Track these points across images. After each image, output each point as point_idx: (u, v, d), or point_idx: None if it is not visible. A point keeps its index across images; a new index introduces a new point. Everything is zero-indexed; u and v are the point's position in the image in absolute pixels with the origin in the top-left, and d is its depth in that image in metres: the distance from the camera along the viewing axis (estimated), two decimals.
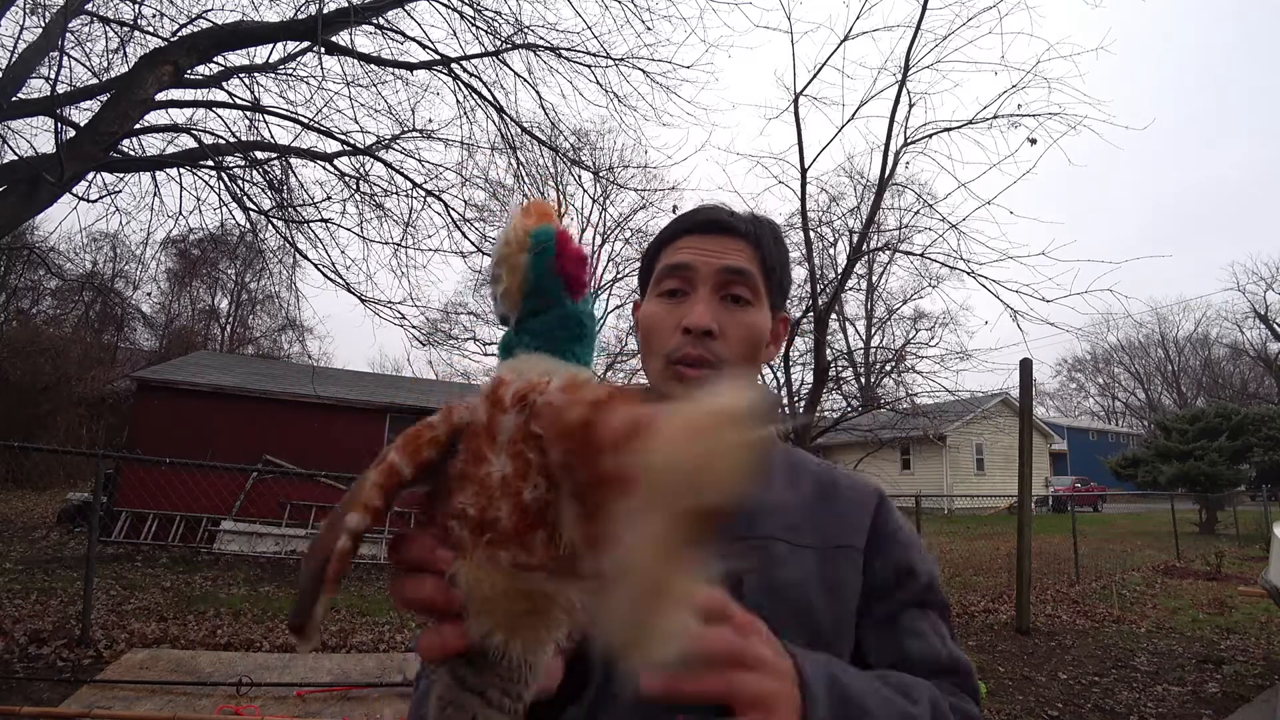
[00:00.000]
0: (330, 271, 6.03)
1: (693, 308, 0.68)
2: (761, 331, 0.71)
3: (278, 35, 5.53)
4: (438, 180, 6.31)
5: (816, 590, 0.66)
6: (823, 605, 0.66)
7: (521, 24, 6.01)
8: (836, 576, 0.67)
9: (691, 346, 0.67)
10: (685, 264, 0.70)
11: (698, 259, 0.70)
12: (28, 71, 4.78)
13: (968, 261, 5.93)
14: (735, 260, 0.70)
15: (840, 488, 0.73)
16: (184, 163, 5.67)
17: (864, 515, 0.71)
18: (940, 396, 9.03)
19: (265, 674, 3.95)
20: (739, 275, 0.70)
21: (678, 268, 0.71)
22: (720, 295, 0.70)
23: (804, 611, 0.65)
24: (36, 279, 19.80)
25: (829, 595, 0.66)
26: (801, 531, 0.68)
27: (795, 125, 6.09)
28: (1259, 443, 16.48)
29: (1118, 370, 44.39)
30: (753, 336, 0.70)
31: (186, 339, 23.21)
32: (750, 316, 0.70)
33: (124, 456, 8.57)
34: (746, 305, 0.70)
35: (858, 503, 0.72)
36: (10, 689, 3.62)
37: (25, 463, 13.05)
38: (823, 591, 0.66)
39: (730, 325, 0.69)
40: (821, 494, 0.72)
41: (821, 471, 0.75)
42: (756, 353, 0.71)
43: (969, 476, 22.13)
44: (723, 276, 0.70)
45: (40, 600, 5.45)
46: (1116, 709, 4.08)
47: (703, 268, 0.70)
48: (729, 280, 0.70)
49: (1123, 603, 7.18)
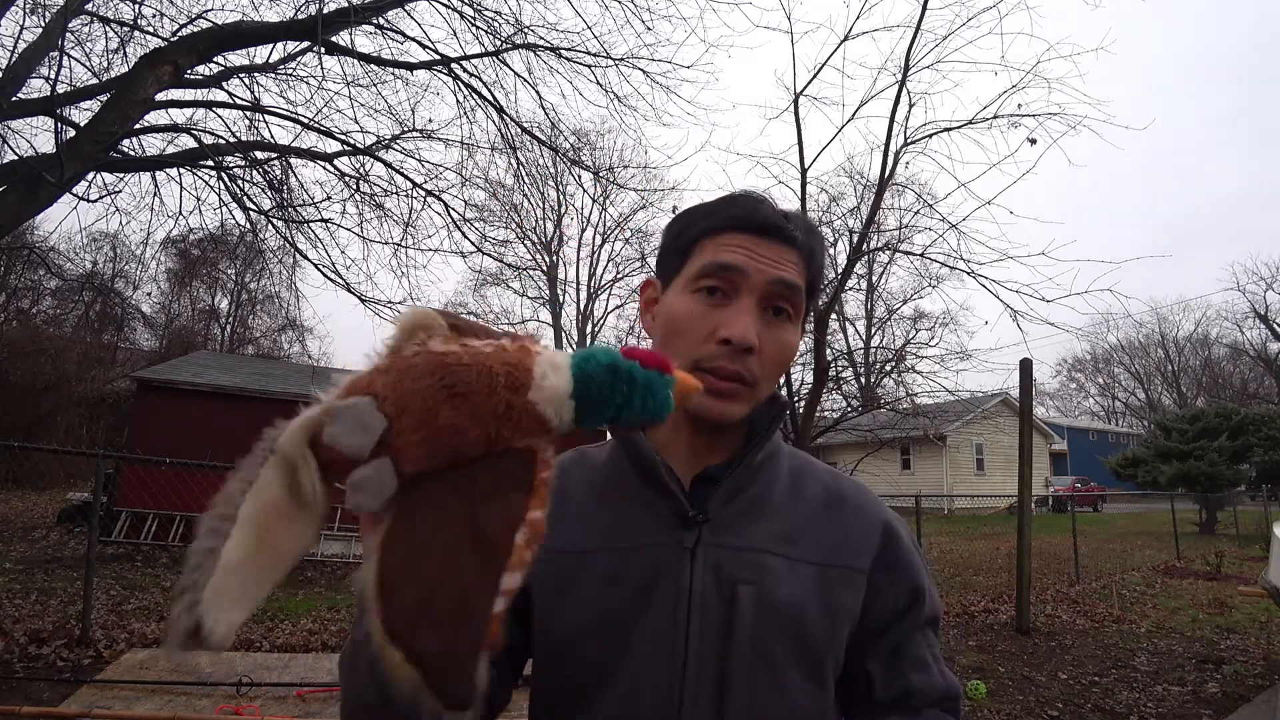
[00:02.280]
0: (330, 271, 6.04)
1: (737, 319, 0.63)
2: (795, 349, 0.69)
3: (278, 35, 5.53)
4: (438, 180, 6.32)
5: (814, 609, 0.64)
6: (818, 624, 0.64)
7: (521, 24, 6.01)
8: (835, 597, 0.65)
9: (728, 360, 0.63)
10: (737, 267, 0.65)
11: (751, 265, 0.65)
12: (28, 71, 4.78)
13: (968, 261, 5.92)
14: (788, 274, 0.66)
15: (848, 503, 0.71)
16: (184, 163, 5.67)
17: (872, 535, 0.69)
18: (940, 396, 9.02)
19: (265, 674, 3.95)
20: (788, 290, 0.66)
21: (726, 268, 0.65)
22: (763, 307, 0.66)
23: (798, 630, 0.63)
24: (36, 279, 19.81)
25: (825, 615, 0.65)
26: (801, 544, 0.67)
27: (795, 125, 6.08)
28: (1259, 443, 16.48)
29: (1118, 370, 44.45)
30: (788, 355, 0.68)
31: (186, 339, 23.19)
32: (788, 335, 0.67)
33: (124, 456, 8.57)
34: (786, 321, 0.67)
35: (866, 522, 0.70)
36: (10, 689, 3.62)
37: (25, 463, 13.04)
38: (820, 610, 0.64)
39: (769, 342, 0.65)
40: (828, 506, 0.70)
41: (829, 482, 0.73)
42: (785, 369, 0.69)
43: (969, 476, 22.12)
44: (773, 289, 0.65)
45: (40, 600, 5.45)
46: (1116, 709, 4.08)
47: (755, 275, 0.64)
48: (778, 294, 0.65)
49: (1123, 603, 7.18)
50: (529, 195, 8.97)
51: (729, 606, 0.62)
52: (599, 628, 0.64)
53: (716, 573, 0.64)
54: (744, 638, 0.61)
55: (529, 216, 16.24)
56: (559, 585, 0.66)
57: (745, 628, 0.61)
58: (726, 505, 0.67)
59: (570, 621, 0.65)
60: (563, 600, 0.66)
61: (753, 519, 0.67)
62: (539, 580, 0.67)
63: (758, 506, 0.68)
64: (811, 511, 0.69)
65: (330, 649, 4.79)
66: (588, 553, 0.67)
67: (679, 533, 0.65)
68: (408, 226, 6.42)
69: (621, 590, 0.64)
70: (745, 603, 0.62)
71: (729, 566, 0.64)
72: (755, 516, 0.67)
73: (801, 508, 0.69)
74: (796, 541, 0.66)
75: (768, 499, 0.69)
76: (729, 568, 0.64)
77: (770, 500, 0.69)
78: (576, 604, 0.65)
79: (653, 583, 0.64)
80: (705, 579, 0.63)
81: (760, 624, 0.62)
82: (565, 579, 0.66)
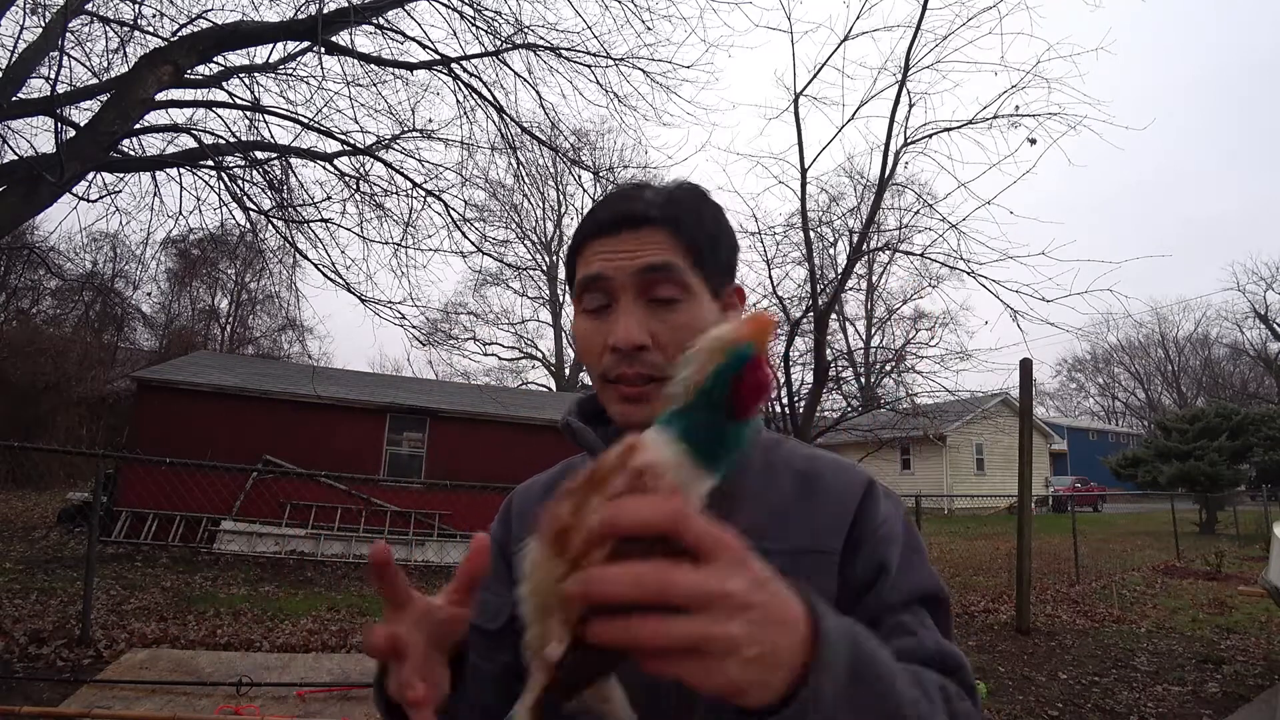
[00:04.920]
0: (330, 271, 6.04)
1: (617, 322, 0.62)
2: (698, 326, 0.63)
3: (278, 35, 5.53)
4: (438, 180, 6.32)
5: None
6: None
7: (521, 24, 6.02)
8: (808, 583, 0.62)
9: (626, 365, 0.62)
10: (598, 275, 0.63)
11: (609, 265, 0.63)
12: (28, 71, 4.79)
13: (968, 261, 5.93)
14: (652, 256, 0.62)
15: (823, 483, 0.67)
16: (184, 163, 5.67)
17: (845, 513, 0.64)
18: (940, 396, 9.03)
19: (265, 674, 3.95)
20: (661, 272, 0.62)
21: (591, 280, 0.64)
22: (648, 298, 0.63)
23: None
24: (36, 279, 19.82)
25: None
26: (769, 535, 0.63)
27: (795, 125, 6.09)
28: (1259, 443, 16.50)
29: (1118, 370, 44.43)
30: (691, 336, 0.65)
31: (186, 339, 23.19)
32: (684, 316, 0.63)
33: (124, 456, 8.57)
34: (677, 304, 0.63)
35: (838, 500, 0.65)
36: (10, 689, 3.62)
37: (25, 463, 13.05)
38: None
39: (663, 332, 0.62)
40: (802, 492, 0.66)
41: (806, 466, 0.69)
42: None
43: (969, 476, 22.13)
44: (642, 279, 0.62)
45: (40, 600, 5.45)
46: (1116, 709, 4.08)
47: (617, 274, 0.62)
48: (651, 281, 0.62)
49: (1123, 603, 7.18)
50: (529, 195, 8.97)
51: None
52: None
53: None
54: None
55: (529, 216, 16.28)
56: None
57: None
58: None
59: None
60: None
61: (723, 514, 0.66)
62: None
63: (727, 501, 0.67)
64: (784, 499, 0.66)
65: (330, 649, 4.79)
66: None
67: None
68: (408, 226, 6.43)
69: None
70: None
71: None
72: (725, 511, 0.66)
73: (773, 497, 0.66)
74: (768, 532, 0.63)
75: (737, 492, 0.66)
76: None
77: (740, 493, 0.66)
78: None
79: None
80: None
81: None
82: None
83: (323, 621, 5.53)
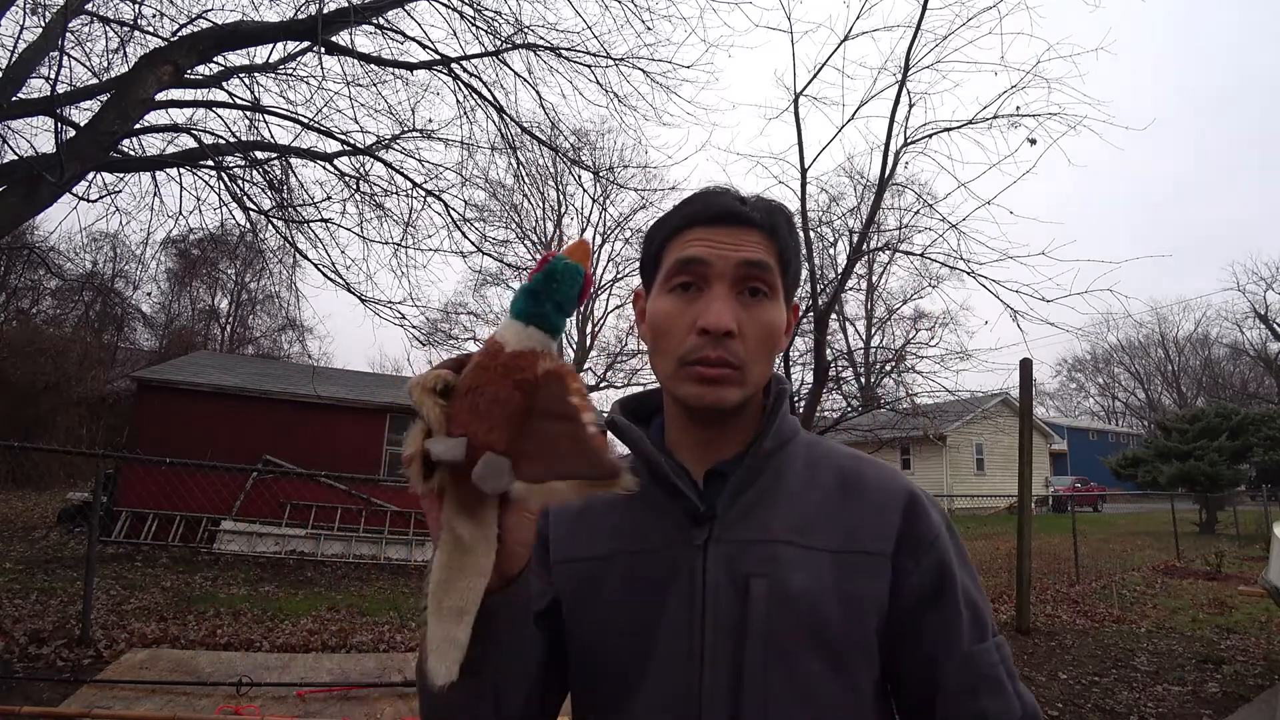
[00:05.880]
0: (330, 271, 6.02)
1: (709, 306, 0.64)
2: (780, 326, 0.68)
3: (278, 35, 5.52)
4: (438, 180, 6.31)
5: (831, 599, 0.62)
6: (837, 617, 0.62)
7: (521, 24, 6.01)
8: (854, 584, 0.63)
9: (710, 348, 0.63)
10: (699, 258, 0.65)
11: (712, 253, 0.65)
12: (28, 71, 4.78)
13: (968, 261, 5.91)
14: (752, 253, 0.66)
15: (867, 483, 0.68)
16: (184, 163, 5.66)
17: (892, 516, 0.66)
18: (940, 396, 9.02)
19: (265, 674, 3.95)
20: (757, 268, 0.66)
21: (690, 262, 0.66)
22: (737, 290, 0.66)
23: (813, 620, 0.61)
24: (36, 279, 19.81)
25: (845, 606, 0.62)
26: (814, 532, 0.65)
27: (795, 125, 6.08)
28: (1259, 443, 16.49)
29: (1118, 370, 44.42)
30: (772, 334, 0.67)
31: (186, 339, 23.20)
32: (769, 313, 0.66)
33: (124, 456, 8.56)
34: (764, 299, 0.66)
35: (884, 503, 0.66)
36: (10, 689, 3.62)
37: (25, 463, 13.05)
38: (838, 601, 0.62)
39: (749, 323, 0.65)
40: (844, 489, 0.68)
41: (848, 464, 0.70)
42: (775, 349, 0.68)
43: (969, 476, 22.13)
44: (741, 271, 0.65)
45: (40, 600, 5.45)
46: (1116, 709, 4.08)
47: (719, 262, 0.65)
48: (748, 275, 0.66)
49: (1123, 603, 7.19)
50: (529, 195, 8.97)
51: (742, 600, 0.62)
52: (623, 631, 0.65)
53: (729, 567, 0.63)
54: (758, 631, 0.60)
55: (529, 216, 16.23)
56: (584, 592, 0.68)
57: (759, 620, 0.61)
58: (737, 498, 0.66)
59: (596, 627, 0.67)
60: (588, 607, 0.67)
61: (765, 510, 0.66)
62: (566, 589, 0.69)
63: (770, 497, 0.67)
64: (826, 497, 0.67)
65: (330, 649, 4.79)
66: (608, 558, 0.68)
67: (690, 530, 0.65)
68: (408, 226, 6.42)
69: (641, 593, 0.65)
70: (758, 595, 0.61)
71: (741, 560, 0.63)
72: (768, 507, 0.66)
73: (816, 495, 0.67)
74: (811, 530, 0.65)
75: (780, 488, 0.68)
76: (741, 561, 0.63)
77: (783, 489, 0.67)
78: (601, 610, 0.67)
79: (668, 583, 0.64)
80: (718, 574, 0.63)
81: (775, 616, 0.61)
82: (589, 586, 0.68)
83: (323, 621, 5.53)
